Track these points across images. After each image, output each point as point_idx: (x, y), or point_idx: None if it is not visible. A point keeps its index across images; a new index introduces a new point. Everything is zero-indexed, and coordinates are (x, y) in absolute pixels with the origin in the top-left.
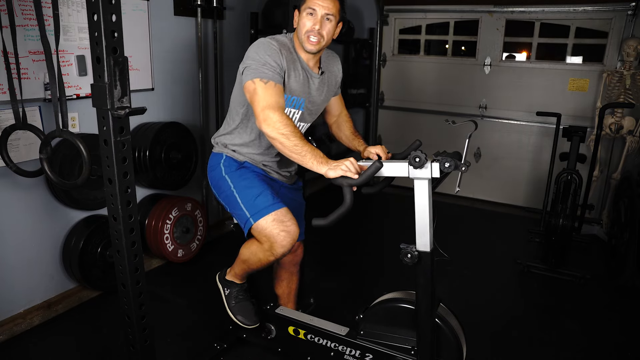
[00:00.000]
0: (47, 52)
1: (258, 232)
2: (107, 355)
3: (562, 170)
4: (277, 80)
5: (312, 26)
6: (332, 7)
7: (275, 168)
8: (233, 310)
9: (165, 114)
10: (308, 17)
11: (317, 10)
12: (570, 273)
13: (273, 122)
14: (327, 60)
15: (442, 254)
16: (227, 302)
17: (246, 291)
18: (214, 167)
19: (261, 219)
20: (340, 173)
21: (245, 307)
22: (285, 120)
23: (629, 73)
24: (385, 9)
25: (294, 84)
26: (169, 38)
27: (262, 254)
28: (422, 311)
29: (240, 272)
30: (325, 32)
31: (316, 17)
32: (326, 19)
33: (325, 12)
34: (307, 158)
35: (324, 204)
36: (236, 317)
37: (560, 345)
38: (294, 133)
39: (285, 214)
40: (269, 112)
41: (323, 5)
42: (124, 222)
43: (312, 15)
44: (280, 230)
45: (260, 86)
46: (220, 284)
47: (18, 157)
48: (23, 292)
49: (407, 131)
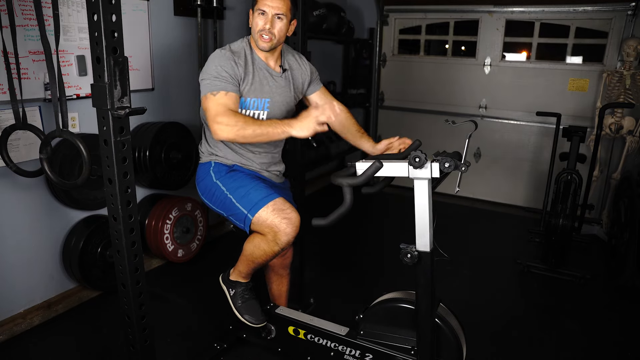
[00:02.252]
0: (47, 52)
1: (259, 224)
2: (107, 355)
3: (562, 170)
4: (228, 89)
5: (263, 25)
6: (282, 7)
7: (265, 167)
8: (240, 310)
9: (165, 114)
10: (260, 17)
11: (267, 11)
12: (570, 273)
13: (224, 126)
14: (292, 60)
15: (442, 254)
16: (233, 303)
17: (251, 290)
18: (203, 176)
19: (260, 210)
20: (307, 133)
21: (252, 305)
22: (234, 117)
23: (629, 73)
24: (385, 9)
25: (255, 85)
26: (169, 38)
27: (267, 245)
28: (422, 311)
29: (245, 270)
30: (276, 31)
31: (267, 16)
32: (277, 18)
33: (275, 12)
34: (272, 132)
35: (324, 204)
36: (243, 317)
37: (560, 345)
38: (246, 122)
39: (283, 202)
40: (218, 119)
41: (272, 5)
42: (124, 222)
43: (263, 15)
44: (282, 218)
45: (210, 99)
46: (225, 286)
47: (18, 157)
48: (23, 292)
49: (407, 131)
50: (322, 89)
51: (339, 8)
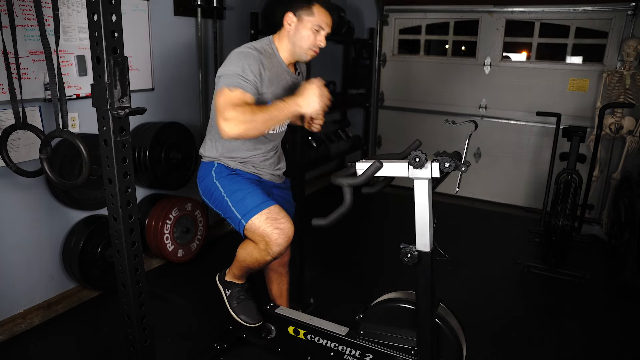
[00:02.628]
0: (47, 52)
1: (252, 232)
2: (107, 355)
3: (562, 170)
4: (246, 89)
5: (319, 42)
6: (331, 25)
7: (267, 168)
8: (235, 310)
9: (165, 114)
10: (315, 33)
11: (325, 29)
12: (570, 273)
13: (232, 120)
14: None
15: (442, 254)
16: (228, 303)
17: (247, 291)
18: (205, 176)
19: (253, 217)
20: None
21: (248, 306)
22: (240, 109)
23: (629, 73)
24: (385, 9)
25: (278, 89)
26: (169, 38)
27: (258, 254)
28: (422, 311)
29: (238, 273)
30: (323, 46)
31: (322, 34)
32: (325, 35)
33: (328, 30)
34: (278, 114)
35: (324, 204)
36: (239, 317)
37: (560, 345)
38: (253, 111)
39: (278, 211)
40: (226, 114)
41: (329, 23)
42: (124, 222)
43: (319, 32)
44: (274, 228)
45: (225, 94)
46: (221, 285)
47: (18, 157)
48: (23, 292)
49: (407, 131)
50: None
51: (339, 8)
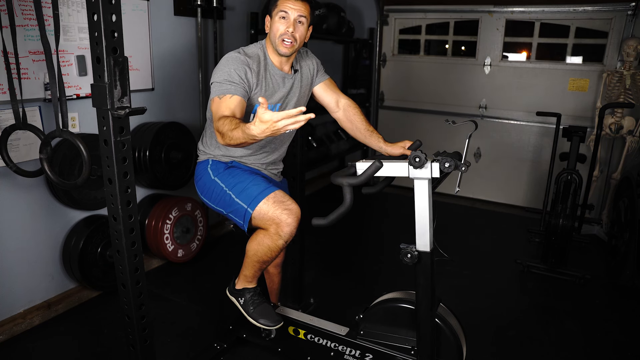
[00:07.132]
0: (47, 52)
1: (260, 218)
2: (107, 355)
3: (562, 170)
4: (236, 93)
5: (286, 29)
6: (304, 10)
7: (265, 167)
8: (253, 316)
9: (165, 114)
10: (281, 21)
11: (289, 14)
12: (570, 273)
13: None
14: (301, 58)
15: (442, 254)
16: (245, 311)
17: (260, 294)
18: (201, 174)
19: (260, 203)
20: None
21: (264, 309)
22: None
23: (629, 73)
24: (385, 9)
25: (268, 92)
26: (169, 38)
27: (270, 240)
28: (422, 311)
29: (251, 273)
30: (298, 35)
31: (289, 20)
32: (298, 22)
33: (297, 14)
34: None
35: (323, 204)
36: (259, 322)
37: (560, 345)
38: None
39: (282, 194)
40: (216, 125)
41: (295, 8)
42: (124, 222)
43: (285, 19)
44: (283, 209)
45: (215, 103)
46: (233, 297)
47: (18, 157)
48: (23, 292)
49: (407, 131)
50: (327, 81)
51: (339, 8)
